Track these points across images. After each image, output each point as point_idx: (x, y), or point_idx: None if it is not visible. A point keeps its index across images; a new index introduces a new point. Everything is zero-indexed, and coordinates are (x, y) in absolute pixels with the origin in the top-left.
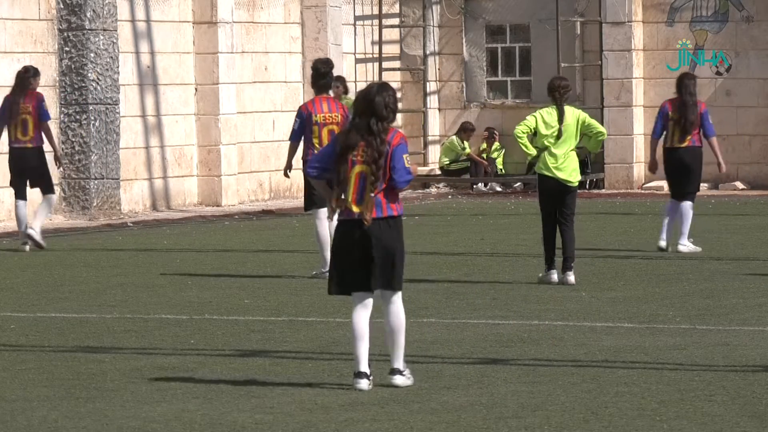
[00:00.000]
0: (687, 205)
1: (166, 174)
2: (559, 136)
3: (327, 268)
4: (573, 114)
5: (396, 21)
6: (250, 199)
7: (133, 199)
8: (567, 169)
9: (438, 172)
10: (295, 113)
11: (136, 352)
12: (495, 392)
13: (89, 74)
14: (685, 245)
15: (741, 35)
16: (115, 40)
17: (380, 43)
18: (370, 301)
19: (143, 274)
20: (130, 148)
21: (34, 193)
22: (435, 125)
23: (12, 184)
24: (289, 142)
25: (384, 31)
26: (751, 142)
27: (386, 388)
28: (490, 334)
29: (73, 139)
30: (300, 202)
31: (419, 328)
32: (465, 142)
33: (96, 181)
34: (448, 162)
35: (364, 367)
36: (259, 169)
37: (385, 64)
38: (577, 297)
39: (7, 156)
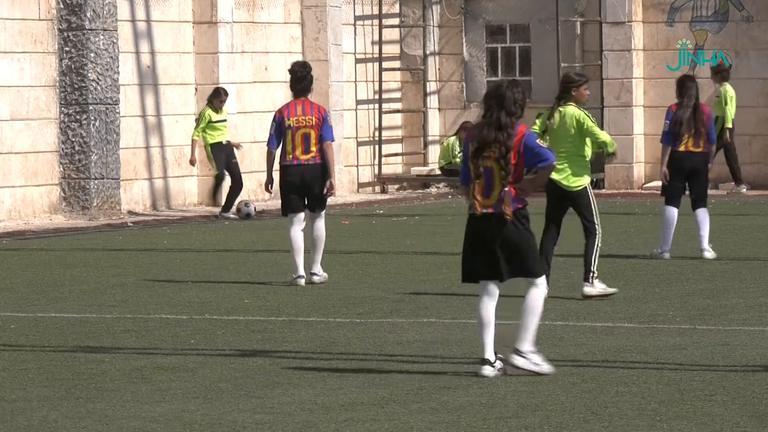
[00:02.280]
0: (705, 210)
1: (166, 174)
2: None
3: (298, 274)
4: (571, 114)
5: (396, 21)
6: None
7: (133, 199)
8: (564, 171)
9: (438, 172)
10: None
11: (136, 352)
12: (495, 392)
13: (89, 74)
14: (710, 250)
15: (741, 35)
16: (115, 40)
17: (380, 43)
18: (495, 291)
19: (143, 274)
20: (130, 148)
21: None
22: (435, 125)
23: None
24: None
25: (384, 31)
26: (751, 142)
27: (386, 388)
28: None
29: (73, 139)
30: None
31: (419, 328)
32: None
33: (96, 181)
34: (444, 163)
35: (489, 354)
36: (259, 169)
37: (385, 64)
38: (577, 297)
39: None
